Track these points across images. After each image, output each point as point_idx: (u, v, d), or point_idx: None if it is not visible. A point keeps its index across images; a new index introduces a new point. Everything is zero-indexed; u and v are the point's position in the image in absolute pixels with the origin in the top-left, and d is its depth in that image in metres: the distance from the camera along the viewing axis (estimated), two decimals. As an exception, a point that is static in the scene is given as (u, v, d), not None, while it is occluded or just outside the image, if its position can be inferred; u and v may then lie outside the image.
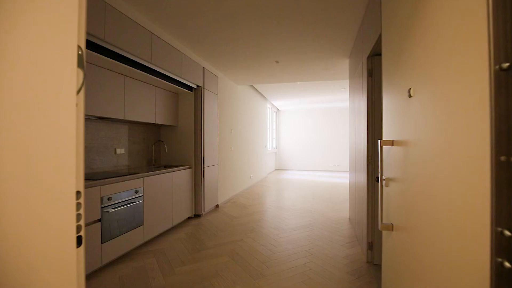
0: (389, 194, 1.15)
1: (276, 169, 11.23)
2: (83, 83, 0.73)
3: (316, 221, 3.73)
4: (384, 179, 1.17)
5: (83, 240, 0.73)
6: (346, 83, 6.24)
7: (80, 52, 0.70)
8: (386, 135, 1.20)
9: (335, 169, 10.69)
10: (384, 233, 1.24)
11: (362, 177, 2.58)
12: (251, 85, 6.97)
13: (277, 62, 4.27)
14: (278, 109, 11.26)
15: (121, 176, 2.48)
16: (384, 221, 1.17)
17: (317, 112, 10.96)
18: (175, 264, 2.42)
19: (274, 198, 5.43)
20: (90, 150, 2.78)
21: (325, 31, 3.16)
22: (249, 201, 5.11)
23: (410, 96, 0.91)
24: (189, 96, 3.93)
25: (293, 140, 11.24)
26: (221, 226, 3.52)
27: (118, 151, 3.16)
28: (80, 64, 0.70)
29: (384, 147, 1.16)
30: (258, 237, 3.10)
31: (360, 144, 2.71)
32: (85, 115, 2.46)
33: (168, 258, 2.55)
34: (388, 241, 1.17)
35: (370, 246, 2.35)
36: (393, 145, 1.09)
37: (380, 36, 1.95)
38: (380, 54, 2.31)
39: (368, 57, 2.36)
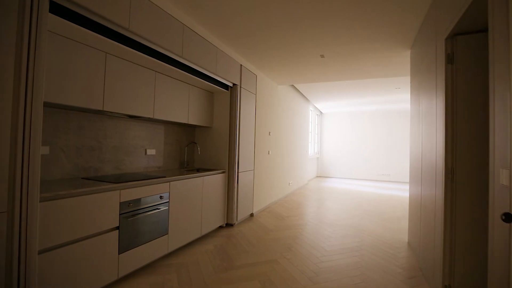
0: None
1: (317, 176, 10.54)
2: None
3: (365, 242, 3.13)
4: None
5: None
6: (402, 81, 5.44)
7: None
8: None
9: (384, 179, 9.63)
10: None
11: (435, 194, 1.97)
12: (292, 85, 6.53)
13: (322, 56, 3.77)
14: (321, 111, 10.59)
15: (143, 180, 2.25)
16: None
17: (365, 115, 10.02)
18: (196, 285, 2.09)
19: (315, 209, 4.89)
20: (119, 149, 2.63)
21: (382, 14, 2.60)
22: (287, 212, 4.65)
23: None
24: (224, 95, 3.66)
25: (337, 146, 10.43)
26: (254, 240, 3.13)
27: (149, 152, 2.99)
28: None
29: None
30: (296, 258, 2.64)
31: (431, 154, 2.10)
32: (114, 113, 2.30)
33: (190, 276, 2.24)
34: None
35: (447, 291, 1.74)
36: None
37: (472, 3, 1.39)
38: (467, 33, 1.72)
39: (447, 38, 1.77)
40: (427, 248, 2.23)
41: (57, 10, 1.61)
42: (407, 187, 8.05)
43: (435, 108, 2.00)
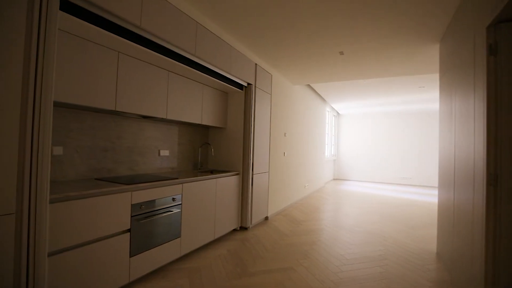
0: None
1: (334, 179, 10.25)
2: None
3: (389, 251, 2.92)
4: None
5: None
6: (427, 79, 5.14)
7: None
8: None
9: (405, 183, 9.21)
10: None
11: (473, 201, 1.77)
12: (309, 85, 6.36)
13: (341, 53, 3.60)
14: (338, 112, 10.31)
15: (155, 181, 2.18)
16: None
17: (385, 116, 9.65)
18: (209, 293, 1.99)
19: (333, 213, 4.69)
20: (133, 150, 2.59)
21: (410, 4, 2.42)
22: (303, 215, 4.49)
23: None
24: (239, 95, 3.56)
25: (355, 147, 10.11)
26: (269, 245, 3.00)
27: (162, 152, 2.94)
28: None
29: None
30: (313, 267, 2.49)
31: (468, 157, 1.90)
32: (127, 113, 2.25)
33: (203, 281, 2.14)
34: None
35: (488, 312, 1.54)
36: None
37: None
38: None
39: (489, 27, 1.58)
40: (462, 261, 2.02)
41: (68, 8, 1.57)
42: (431, 191, 7.64)
43: (473, 107, 1.80)
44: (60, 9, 1.51)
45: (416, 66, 4.06)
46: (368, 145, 9.89)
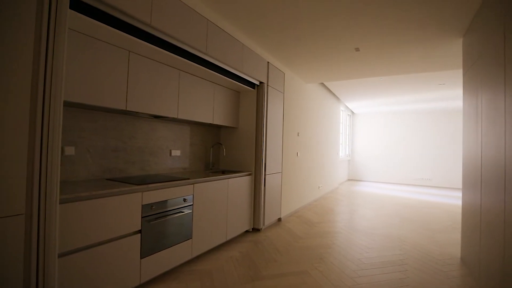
0: None
1: (348, 179, 10.02)
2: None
3: (409, 256, 2.78)
4: None
5: None
6: (448, 75, 4.91)
7: None
8: None
9: (424, 184, 8.87)
10: None
11: (504, 203, 1.63)
12: (322, 84, 6.22)
13: (357, 49, 3.47)
14: (352, 111, 10.07)
15: (166, 181, 2.16)
16: None
17: (402, 114, 9.34)
18: (220, 296, 1.94)
19: (348, 215, 4.54)
20: (144, 150, 2.58)
21: (432, -3, 2.28)
22: (317, 217, 4.37)
23: None
24: (251, 94, 3.50)
25: (370, 147, 9.84)
26: (282, 248, 2.92)
27: (174, 152, 2.92)
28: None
29: None
30: (329, 271, 2.39)
31: (497, 157, 1.75)
32: (139, 113, 2.24)
33: (214, 284, 2.09)
34: None
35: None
36: None
37: None
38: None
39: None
40: (491, 268, 1.87)
41: (78, 6, 1.56)
42: (452, 193, 7.31)
43: (503, 103, 1.66)
44: (70, 7, 1.50)
45: (436, 62, 3.86)
46: (384, 144, 9.60)
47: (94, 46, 1.84)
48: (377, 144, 9.73)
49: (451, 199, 6.32)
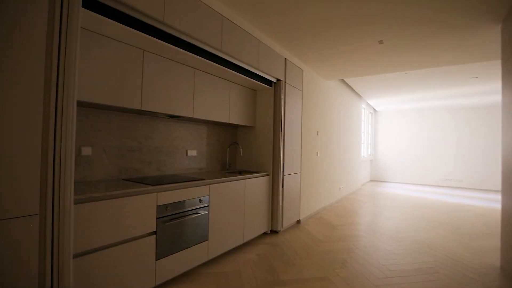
0: None
1: (371, 180, 9.64)
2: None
3: (440, 263, 2.56)
4: None
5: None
6: (481, 68, 4.54)
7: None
8: None
9: (453, 185, 8.34)
10: None
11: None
12: (342, 80, 6.00)
13: (380, 42, 3.27)
14: (375, 109, 9.68)
15: (181, 182, 2.12)
16: None
17: (428, 111, 8.85)
18: (237, 302, 1.86)
19: (371, 218, 4.32)
20: (160, 151, 2.57)
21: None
22: (338, 219, 4.19)
23: None
24: (268, 92, 3.41)
25: (394, 147, 9.41)
26: (302, 252, 2.80)
27: (190, 153, 2.89)
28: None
29: None
30: (351, 277, 2.24)
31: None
32: (156, 113, 2.22)
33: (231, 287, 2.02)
34: None
35: None
36: None
37: None
38: None
39: None
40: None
41: (91, 5, 1.54)
42: (486, 195, 6.81)
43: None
44: (83, 6, 1.49)
45: (469, 53, 3.57)
46: (409, 144, 9.14)
47: (108, 46, 1.83)
48: (402, 143, 9.28)
49: (485, 202, 5.86)
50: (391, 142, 9.48)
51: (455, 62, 3.96)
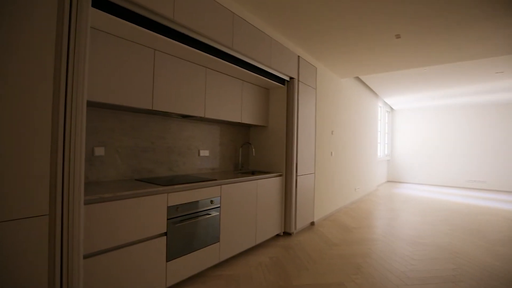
0: None
1: (388, 181, 9.35)
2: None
3: (465, 271, 2.41)
4: None
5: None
6: (507, 62, 4.27)
7: None
8: None
9: (477, 187, 7.94)
10: None
11: None
12: (358, 78, 5.83)
13: (398, 36, 3.13)
14: (391, 108, 9.38)
15: (192, 183, 2.09)
16: None
17: (449, 109, 8.47)
18: (248, 306, 1.81)
19: (388, 221, 4.16)
20: (173, 151, 2.56)
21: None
22: (354, 222, 4.06)
23: None
24: (280, 91, 3.34)
25: (412, 146, 9.08)
26: (315, 255, 2.72)
27: (202, 153, 2.87)
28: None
29: None
30: (367, 284, 2.14)
31: None
32: (167, 112, 2.21)
33: (242, 293, 1.98)
34: None
35: None
36: None
37: None
38: None
39: None
40: None
41: (101, 4, 1.53)
42: (512, 197, 6.43)
43: None
44: (93, 6, 1.48)
45: (494, 46, 3.35)
46: (428, 143, 8.79)
47: (119, 46, 1.83)
48: (420, 143, 8.94)
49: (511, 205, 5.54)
50: (409, 141, 9.15)
51: (478, 57, 3.73)
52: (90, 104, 1.84)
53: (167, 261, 1.89)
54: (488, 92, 6.43)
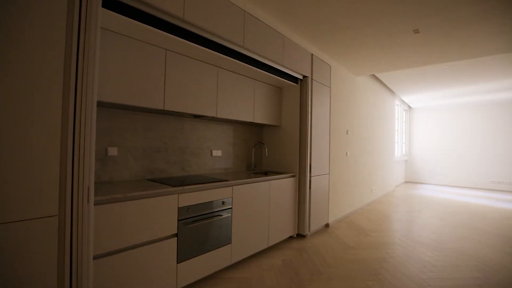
0: None
1: (405, 182, 9.04)
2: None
3: (490, 280, 2.25)
4: None
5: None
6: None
7: None
8: None
9: (502, 189, 7.52)
10: None
11: None
12: (374, 76, 5.65)
13: (416, 31, 2.98)
14: (409, 106, 9.06)
15: (203, 183, 2.06)
16: None
17: (470, 107, 8.07)
18: (259, 311, 1.76)
19: (407, 224, 3.99)
20: (185, 151, 2.54)
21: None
22: (370, 224, 3.93)
23: None
24: (294, 90, 3.26)
25: (431, 146, 8.73)
26: (330, 259, 2.63)
27: (215, 153, 2.84)
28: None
29: None
30: (386, 291, 2.04)
31: None
32: (179, 112, 2.19)
33: (254, 297, 1.93)
34: None
35: None
36: None
37: None
38: None
39: None
40: None
41: (111, 5, 1.52)
42: (541, 200, 6.04)
43: None
44: (103, 6, 1.47)
45: (524, 40, 3.13)
46: (448, 143, 8.42)
47: (130, 46, 1.82)
48: (440, 142, 8.57)
49: (542, 209, 5.19)
50: (428, 140, 8.80)
51: (497, 52, 3.50)
52: (103, 105, 1.84)
53: (177, 263, 1.87)
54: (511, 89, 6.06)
